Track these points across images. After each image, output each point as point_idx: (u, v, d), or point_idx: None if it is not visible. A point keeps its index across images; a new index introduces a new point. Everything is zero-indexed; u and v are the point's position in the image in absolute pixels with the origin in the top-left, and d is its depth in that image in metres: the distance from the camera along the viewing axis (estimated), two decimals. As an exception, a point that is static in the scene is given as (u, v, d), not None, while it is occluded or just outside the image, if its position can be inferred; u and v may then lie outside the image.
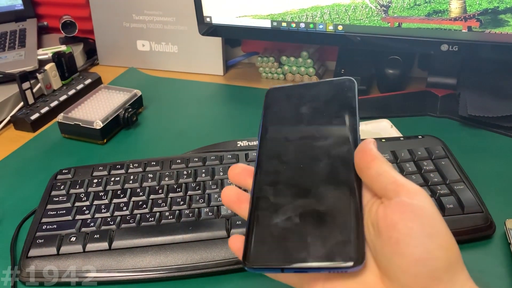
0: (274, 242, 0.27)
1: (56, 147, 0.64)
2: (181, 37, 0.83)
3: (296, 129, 0.33)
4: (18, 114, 0.69)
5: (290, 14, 0.65)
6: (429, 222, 0.25)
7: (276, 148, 0.33)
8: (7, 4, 0.91)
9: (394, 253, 0.25)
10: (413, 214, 0.25)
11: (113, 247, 0.44)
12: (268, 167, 0.32)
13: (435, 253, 0.24)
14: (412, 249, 0.24)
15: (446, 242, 0.25)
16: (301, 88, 0.36)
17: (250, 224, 0.29)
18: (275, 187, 0.30)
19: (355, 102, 0.33)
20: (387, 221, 0.25)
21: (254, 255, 0.27)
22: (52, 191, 0.51)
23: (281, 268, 0.26)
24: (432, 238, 0.24)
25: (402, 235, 0.25)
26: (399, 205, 0.26)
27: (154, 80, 0.82)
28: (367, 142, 0.29)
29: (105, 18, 0.86)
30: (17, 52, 0.80)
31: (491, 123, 0.61)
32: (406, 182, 0.27)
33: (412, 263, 0.24)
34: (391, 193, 0.26)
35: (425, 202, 0.26)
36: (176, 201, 0.48)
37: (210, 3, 0.69)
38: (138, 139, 0.65)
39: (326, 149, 0.31)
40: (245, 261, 0.27)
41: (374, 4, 0.60)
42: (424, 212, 0.25)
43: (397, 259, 0.25)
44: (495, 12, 0.55)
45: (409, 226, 0.25)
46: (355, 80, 0.34)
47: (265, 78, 0.81)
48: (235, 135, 0.60)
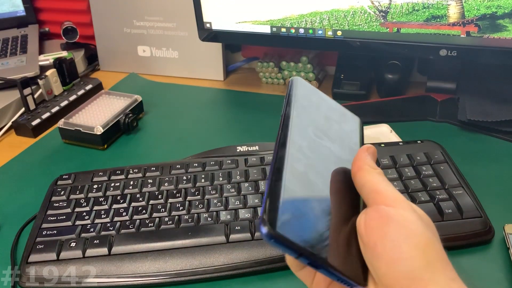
0: (307, 224, 0.25)
1: (57, 152, 0.65)
2: (181, 43, 0.83)
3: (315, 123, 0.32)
4: (19, 120, 0.69)
5: (289, 20, 0.66)
6: (404, 225, 0.25)
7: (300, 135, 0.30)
8: (9, 10, 0.92)
9: (373, 257, 0.26)
10: (389, 219, 0.26)
11: (112, 252, 0.44)
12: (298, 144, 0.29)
13: (410, 253, 0.25)
14: (387, 251, 0.25)
15: (422, 242, 0.25)
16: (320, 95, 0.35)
17: (282, 188, 0.25)
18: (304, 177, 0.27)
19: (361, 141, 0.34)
20: (366, 227, 0.26)
21: (283, 223, 0.23)
22: (52, 197, 0.52)
23: (303, 253, 0.24)
24: (407, 239, 0.25)
25: (378, 238, 0.25)
26: (376, 211, 0.27)
27: (155, 85, 0.83)
28: (361, 150, 0.30)
29: (106, 24, 0.87)
30: (18, 58, 0.81)
31: (490, 128, 0.61)
32: (385, 190, 0.28)
33: (389, 264, 0.25)
34: (371, 201, 0.28)
35: (401, 208, 0.26)
36: (176, 207, 0.48)
37: (210, 9, 0.69)
38: (138, 145, 0.66)
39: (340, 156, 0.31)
40: (270, 225, 0.23)
41: (372, 9, 0.60)
42: (399, 217, 0.26)
43: (376, 262, 0.25)
44: (493, 17, 0.55)
45: (384, 230, 0.25)
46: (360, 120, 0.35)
47: (265, 83, 0.81)
48: (235, 140, 0.61)
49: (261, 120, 0.69)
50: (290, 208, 0.25)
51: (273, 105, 0.73)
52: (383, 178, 0.28)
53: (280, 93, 0.78)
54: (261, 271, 0.43)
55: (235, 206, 0.48)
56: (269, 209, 0.23)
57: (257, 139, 0.59)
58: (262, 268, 0.43)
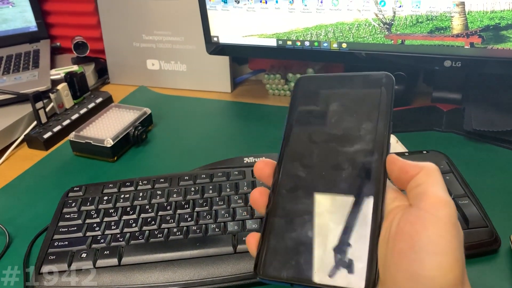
0: (287, 255, 0.27)
1: (68, 165, 0.66)
2: (189, 56, 0.85)
3: (321, 129, 0.32)
4: (31, 133, 0.71)
5: (295, 33, 0.67)
6: (436, 239, 0.23)
7: (299, 149, 0.31)
8: (21, 26, 0.95)
9: (393, 263, 0.24)
10: (423, 227, 0.24)
11: (122, 263, 0.45)
12: (289, 170, 0.31)
13: (431, 272, 0.23)
14: (410, 262, 0.23)
15: (448, 263, 0.23)
16: (334, 80, 0.34)
17: (264, 233, 0.29)
18: (293, 195, 0.29)
19: (390, 103, 0.31)
20: (398, 229, 0.25)
21: (266, 266, 0.27)
22: (63, 208, 0.53)
23: (291, 283, 0.26)
24: (434, 256, 0.23)
25: (405, 246, 0.24)
26: (413, 214, 0.25)
27: (164, 98, 0.84)
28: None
29: (116, 38, 0.89)
30: (31, 73, 0.83)
31: (496, 137, 0.61)
32: (435, 191, 0.25)
33: (405, 277, 0.23)
34: (416, 200, 0.25)
35: (442, 215, 0.24)
36: (184, 218, 0.49)
37: (217, 23, 0.71)
38: (148, 156, 0.67)
39: (351, 155, 0.29)
40: (257, 271, 0.27)
41: (377, 22, 0.61)
42: (435, 227, 0.24)
43: (394, 270, 0.24)
44: (497, 28, 0.56)
45: (414, 239, 0.24)
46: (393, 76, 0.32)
47: (272, 95, 0.82)
48: (242, 151, 0.61)
49: (268, 131, 0.70)
50: (275, 247, 0.28)
51: (280, 116, 0.74)
52: (440, 180, 0.26)
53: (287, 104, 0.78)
54: (268, 281, 0.43)
55: (242, 217, 0.49)
56: (256, 256, 0.28)
57: (264, 150, 0.60)
58: (269, 278, 0.43)
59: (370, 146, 0.29)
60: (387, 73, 0.32)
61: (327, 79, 0.35)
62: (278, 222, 0.29)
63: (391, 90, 0.31)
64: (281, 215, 0.29)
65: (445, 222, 0.24)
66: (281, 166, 0.31)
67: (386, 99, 0.31)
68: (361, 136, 0.30)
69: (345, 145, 0.30)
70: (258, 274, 0.27)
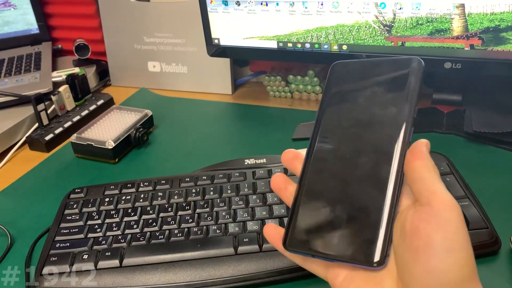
0: (311, 231, 0.31)
1: (70, 166, 0.66)
2: (190, 58, 0.85)
3: (351, 115, 0.34)
4: (33, 135, 0.71)
5: (295, 35, 0.67)
6: (451, 236, 0.25)
7: (329, 135, 0.34)
8: (23, 28, 0.95)
9: (411, 260, 0.26)
10: (438, 226, 0.25)
11: (123, 264, 0.45)
12: (318, 155, 0.34)
13: (450, 267, 0.25)
14: (428, 258, 0.25)
15: (463, 259, 0.25)
16: (366, 66, 0.36)
17: (293, 211, 0.33)
18: (320, 178, 0.33)
19: (417, 88, 0.33)
20: (413, 227, 0.26)
21: (292, 240, 0.32)
22: (65, 210, 0.53)
23: (312, 255, 0.31)
24: (450, 253, 0.25)
25: (422, 243, 0.25)
26: (427, 213, 0.26)
27: (165, 100, 0.84)
28: (419, 143, 0.30)
29: (117, 40, 0.89)
30: (32, 75, 0.83)
31: (496, 139, 0.61)
32: (441, 192, 0.27)
33: (424, 273, 0.25)
34: (424, 199, 0.27)
35: (453, 216, 0.26)
36: (185, 219, 0.49)
37: (218, 26, 0.71)
38: (149, 158, 0.67)
39: (376, 141, 0.32)
40: (284, 244, 0.32)
41: (377, 24, 0.62)
42: (448, 226, 0.25)
43: (412, 266, 0.25)
44: (497, 30, 0.56)
45: (431, 236, 0.25)
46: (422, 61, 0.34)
47: (273, 97, 0.83)
48: (243, 153, 0.62)
49: (269, 133, 0.70)
50: (301, 224, 0.32)
51: (281, 118, 0.74)
52: (440, 178, 0.28)
53: (288, 106, 0.79)
54: (269, 282, 0.44)
55: (243, 218, 0.49)
56: (285, 231, 0.32)
57: (265, 152, 0.60)
58: (270, 279, 0.44)
59: (395, 133, 0.31)
60: (416, 57, 0.34)
61: (360, 64, 0.37)
62: (304, 203, 0.32)
63: (420, 74, 0.34)
64: (307, 198, 0.33)
65: (457, 221, 0.26)
66: (312, 150, 0.34)
67: (414, 83, 0.33)
68: (386, 121, 0.32)
69: (371, 130, 0.32)
70: (286, 247, 0.32)
